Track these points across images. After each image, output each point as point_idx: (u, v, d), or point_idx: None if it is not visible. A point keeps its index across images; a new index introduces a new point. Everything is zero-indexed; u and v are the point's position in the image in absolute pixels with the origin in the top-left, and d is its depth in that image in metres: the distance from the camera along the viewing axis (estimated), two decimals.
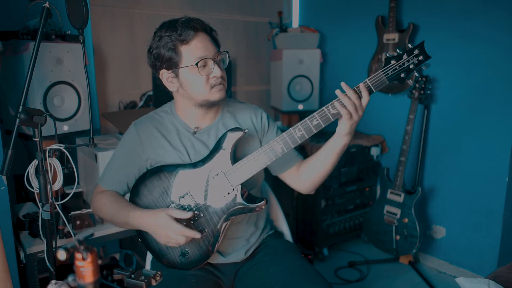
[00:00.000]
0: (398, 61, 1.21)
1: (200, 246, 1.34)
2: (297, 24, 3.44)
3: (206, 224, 1.32)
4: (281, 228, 1.71)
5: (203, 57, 1.29)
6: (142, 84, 2.75)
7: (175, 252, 1.36)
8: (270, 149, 1.29)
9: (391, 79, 1.22)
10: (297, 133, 1.28)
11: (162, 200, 1.35)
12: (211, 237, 1.33)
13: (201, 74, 1.30)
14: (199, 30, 1.30)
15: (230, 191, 1.30)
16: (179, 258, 1.36)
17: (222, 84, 1.33)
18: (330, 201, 2.79)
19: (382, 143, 2.94)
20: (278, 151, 1.29)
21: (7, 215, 1.65)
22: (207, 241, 1.33)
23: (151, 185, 1.36)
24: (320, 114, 1.27)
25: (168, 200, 1.34)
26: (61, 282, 0.76)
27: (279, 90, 3.07)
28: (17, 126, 1.35)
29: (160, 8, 2.76)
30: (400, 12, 2.72)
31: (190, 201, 1.33)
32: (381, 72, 1.22)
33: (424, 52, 1.20)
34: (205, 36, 1.32)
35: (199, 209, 1.32)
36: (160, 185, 1.35)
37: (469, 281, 1.26)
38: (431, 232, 2.73)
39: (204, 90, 1.32)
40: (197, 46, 1.29)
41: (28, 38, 1.75)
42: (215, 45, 1.35)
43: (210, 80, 1.31)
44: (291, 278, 1.33)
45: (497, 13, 2.27)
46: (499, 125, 2.32)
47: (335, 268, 2.69)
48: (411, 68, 1.21)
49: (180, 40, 1.28)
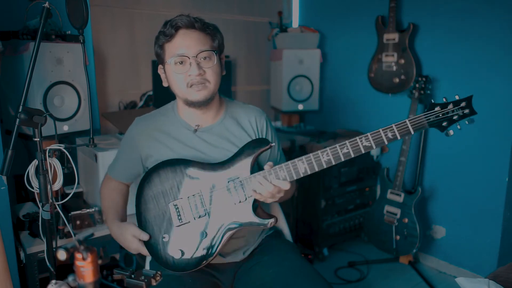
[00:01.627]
0: (443, 109, 1.20)
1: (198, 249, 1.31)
2: (297, 24, 3.44)
3: (209, 228, 1.29)
4: (281, 228, 1.71)
5: (180, 55, 1.28)
6: (142, 84, 2.75)
7: (171, 248, 1.31)
8: (293, 166, 1.24)
9: (432, 124, 1.19)
10: (324, 157, 1.21)
11: (171, 193, 1.32)
12: (212, 242, 1.30)
13: (176, 71, 1.30)
14: (181, 27, 1.30)
15: (243, 200, 1.27)
16: (173, 257, 1.31)
17: (202, 84, 1.30)
18: (330, 201, 2.79)
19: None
20: (301, 171, 1.23)
21: (7, 215, 1.65)
22: (205, 245, 1.30)
23: (164, 176, 1.34)
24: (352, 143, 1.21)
25: (177, 195, 1.32)
26: (61, 282, 0.76)
27: (279, 90, 3.07)
28: (17, 126, 1.35)
29: (160, 8, 2.76)
30: (400, 12, 2.72)
31: (198, 202, 1.30)
32: (423, 116, 1.19)
33: (470, 106, 1.20)
34: (190, 33, 1.30)
35: (206, 211, 1.30)
36: (173, 179, 1.32)
37: (469, 281, 1.26)
38: (431, 232, 2.73)
39: (182, 88, 1.32)
40: (177, 43, 1.30)
41: (28, 38, 1.75)
42: (208, 42, 1.32)
43: (186, 78, 1.30)
44: (291, 278, 1.32)
45: (497, 13, 2.27)
46: (499, 125, 2.32)
47: (335, 268, 2.69)
48: (455, 119, 1.19)
49: (165, 37, 1.31)
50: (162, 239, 1.31)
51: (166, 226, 1.32)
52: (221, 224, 1.29)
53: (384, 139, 1.19)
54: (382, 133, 1.18)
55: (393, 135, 1.18)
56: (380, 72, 2.76)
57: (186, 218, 1.30)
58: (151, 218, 1.34)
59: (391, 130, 1.18)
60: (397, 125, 1.18)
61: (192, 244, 1.30)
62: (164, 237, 1.31)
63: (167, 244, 1.31)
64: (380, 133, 1.18)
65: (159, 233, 1.32)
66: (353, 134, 3.02)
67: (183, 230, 1.31)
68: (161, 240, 1.31)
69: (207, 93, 1.32)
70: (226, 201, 1.29)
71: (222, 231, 1.29)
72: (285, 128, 3.18)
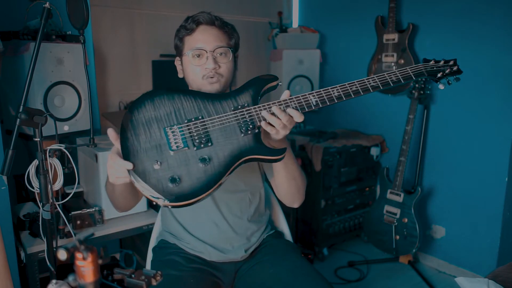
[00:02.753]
0: (436, 63, 1.35)
1: (197, 177, 1.11)
2: (297, 24, 3.44)
3: (213, 155, 1.14)
4: (281, 228, 1.71)
5: (198, 48, 1.33)
6: (142, 84, 2.75)
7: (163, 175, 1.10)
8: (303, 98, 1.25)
9: (429, 73, 1.32)
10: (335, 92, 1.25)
11: (167, 119, 1.18)
12: (214, 170, 1.12)
13: (193, 63, 1.34)
14: (202, 23, 1.36)
15: (251, 128, 1.17)
16: (165, 184, 1.10)
17: (215, 77, 1.34)
18: (330, 201, 2.79)
19: (382, 143, 2.95)
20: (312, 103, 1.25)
21: (8, 215, 1.65)
22: (208, 173, 1.12)
23: (160, 102, 1.21)
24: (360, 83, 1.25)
25: (174, 120, 1.18)
26: (61, 281, 0.76)
27: (279, 90, 3.06)
28: (18, 126, 1.35)
29: (160, 8, 2.76)
30: (399, 12, 2.72)
31: (201, 128, 1.17)
32: (422, 65, 1.32)
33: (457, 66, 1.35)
34: (210, 29, 1.36)
35: (209, 138, 1.16)
36: (170, 105, 1.20)
37: (468, 281, 1.26)
38: (431, 232, 2.73)
39: (197, 79, 1.35)
40: (197, 38, 1.35)
41: (28, 38, 1.75)
42: (225, 39, 1.37)
43: (203, 71, 1.34)
44: (292, 278, 1.33)
45: (497, 13, 2.28)
46: (499, 125, 2.32)
47: (335, 268, 2.69)
48: (447, 73, 1.34)
49: (186, 30, 1.36)
50: (152, 166, 1.12)
51: (158, 154, 1.13)
52: (226, 153, 1.15)
53: (389, 81, 1.26)
54: (387, 76, 1.27)
55: (396, 78, 1.28)
56: (380, 72, 2.75)
57: (184, 143, 1.15)
58: (139, 145, 1.14)
59: (394, 74, 1.27)
60: (399, 70, 1.28)
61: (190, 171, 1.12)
62: (154, 165, 1.11)
63: (157, 171, 1.11)
64: (385, 76, 1.26)
65: (149, 160, 1.12)
66: (353, 134, 3.03)
67: (180, 157, 1.14)
68: (151, 167, 1.11)
69: (219, 86, 1.35)
70: (232, 130, 1.18)
71: (226, 161, 1.14)
72: None
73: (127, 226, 1.91)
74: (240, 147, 1.16)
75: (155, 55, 2.66)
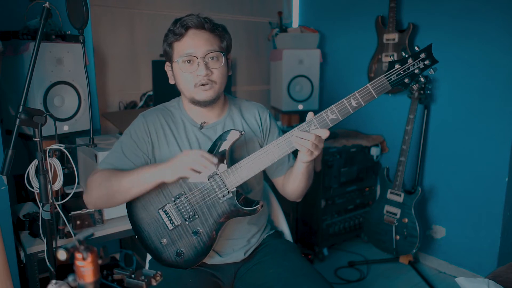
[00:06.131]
0: (403, 65, 1.16)
1: (195, 247, 1.34)
2: (297, 24, 3.44)
3: (201, 226, 1.32)
4: (281, 228, 1.71)
5: (188, 54, 1.29)
6: (142, 84, 2.75)
7: (171, 251, 1.35)
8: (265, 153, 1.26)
9: (394, 84, 1.16)
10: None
11: (157, 200, 1.33)
12: (206, 239, 1.33)
13: (184, 70, 1.30)
14: (191, 27, 1.30)
15: (226, 193, 1.29)
16: (174, 257, 1.35)
17: (208, 84, 1.31)
18: (330, 201, 2.79)
19: (382, 143, 2.95)
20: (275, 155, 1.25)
21: (7, 215, 1.65)
22: (202, 242, 1.33)
23: None
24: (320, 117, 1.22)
25: (164, 200, 1.33)
26: (61, 282, 0.76)
27: (279, 90, 3.07)
28: (18, 126, 1.35)
29: (160, 8, 2.76)
30: (400, 12, 2.72)
31: (186, 202, 1.31)
32: (384, 77, 1.16)
33: (431, 55, 1.14)
34: (200, 33, 1.30)
35: (195, 210, 1.31)
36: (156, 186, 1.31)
37: (468, 281, 1.26)
38: (431, 232, 2.73)
39: (189, 87, 1.32)
40: (186, 43, 1.30)
41: (28, 38, 1.75)
42: (216, 42, 1.32)
43: (194, 78, 1.31)
44: (292, 278, 1.33)
45: (497, 13, 2.27)
46: (499, 125, 2.32)
47: (335, 268, 2.69)
48: (416, 73, 1.16)
49: (174, 36, 1.31)
50: (161, 243, 1.35)
51: (161, 231, 1.35)
52: (211, 221, 1.31)
53: (349, 107, 1.18)
54: (346, 102, 1.18)
55: (357, 102, 1.17)
56: (380, 72, 2.76)
57: (177, 220, 1.33)
58: (146, 226, 1.36)
59: (354, 98, 1.18)
60: (359, 91, 1.17)
61: (188, 243, 1.34)
62: (162, 241, 1.35)
63: (166, 247, 1.35)
64: (344, 103, 1.18)
65: (157, 238, 1.35)
66: (353, 134, 3.03)
67: (178, 231, 1.34)
68: (160, 245, 1.35)
69: (213, 93, 1.33)
70: (211, 197, 1.30)
71: (213, 227, 1.31)
72: (285, 128, 3.17)
73: (127, 226, 1.90)
74: (222, 213, 1.31)
75: (155, 55, 2.66)
